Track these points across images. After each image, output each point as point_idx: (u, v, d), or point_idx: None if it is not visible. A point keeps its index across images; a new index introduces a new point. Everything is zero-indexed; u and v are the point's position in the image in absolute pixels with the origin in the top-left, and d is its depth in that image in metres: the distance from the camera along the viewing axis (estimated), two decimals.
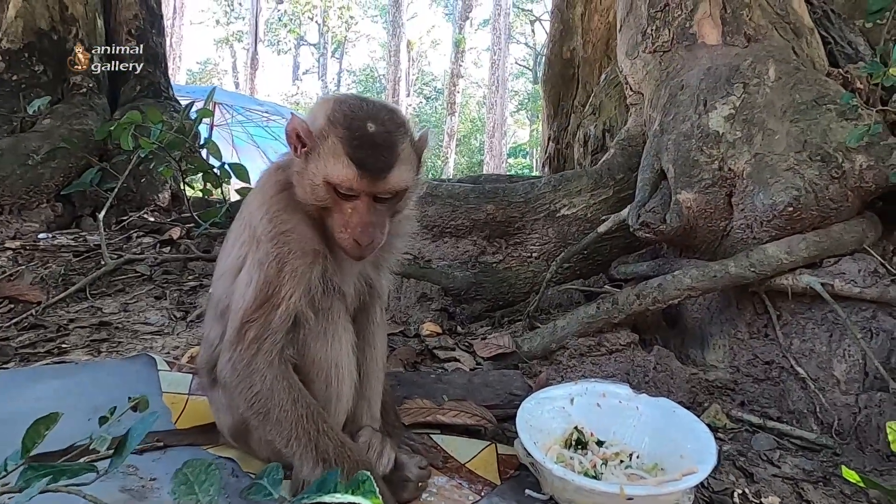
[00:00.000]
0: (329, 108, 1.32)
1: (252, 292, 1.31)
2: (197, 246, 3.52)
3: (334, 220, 1.32)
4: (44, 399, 1.75)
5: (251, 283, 1.32)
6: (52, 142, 4.09)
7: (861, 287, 2.05)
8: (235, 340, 1.31)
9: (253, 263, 1.33)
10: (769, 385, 2.13)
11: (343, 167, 1.25)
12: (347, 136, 1.26)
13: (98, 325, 2.51)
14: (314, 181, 1.29)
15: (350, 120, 1.28)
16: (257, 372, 1.28)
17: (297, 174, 1.33)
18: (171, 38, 19.08)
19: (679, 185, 2.36)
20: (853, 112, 2.17)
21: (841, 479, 1.63)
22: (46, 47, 4.59)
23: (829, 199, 2.12)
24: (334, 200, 1.30)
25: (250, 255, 1.35)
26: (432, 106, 30.71)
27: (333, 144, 1.27)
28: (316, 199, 1.31)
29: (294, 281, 1.30)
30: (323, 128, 1.29)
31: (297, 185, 1.34)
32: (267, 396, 1.27)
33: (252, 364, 1.28)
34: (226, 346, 1.34)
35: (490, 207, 2.89)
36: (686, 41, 2.73)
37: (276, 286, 1.30)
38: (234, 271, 1.40)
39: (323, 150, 1.27)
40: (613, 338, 2.28)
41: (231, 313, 1.36)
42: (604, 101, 4.07)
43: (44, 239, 3.58)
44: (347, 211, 1.30)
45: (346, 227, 1.29)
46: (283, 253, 1.30)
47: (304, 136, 1.30)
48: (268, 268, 1.30)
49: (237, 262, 1.39)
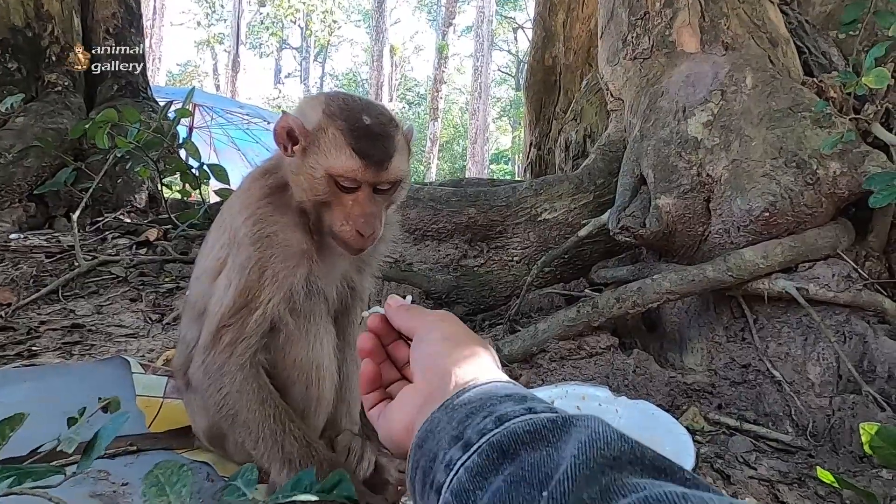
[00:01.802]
0: (323, 102, 1.32)
1: (231, 296, 1.28)
2: (174, 248, 3.46)
3: (334, 214, 1.30)
4: (12, 402, 1.69)
5: (230, 286, 1.29)
6: (24, 140, 4.00)
7: (835, 291, 2.09)
8: (210, 344, 1.29)
9: (233, 267, 1.31)
10: (746, 388, 2.16)
11: (346, 158, 1.25)
12: (347, 127, 1.26)
13: (70, 328, 2.45)
14: (314, 175, 1.27)
15: (347, 113, 1.28)
16: (228, 374, 1.27)
17: (293, 173, 1.31)
18: (151, 38, 18.84)
19: (658, 190, 2.38)
20: (827, 120, 2.22)
21: (815, 481, 1.65)
22: (21, 44, 4.50)
23: (804, 204, 2.16)
24: (334, 193, 1.28)
25: (231, 258, 1.33)
26: (415, 111, 30.75)
27: (334, 136, 1.26)
28: (315, 195, 1.29)
29: (274, 286, 1.29)
30: (320, 121, 1.28)
31: (294, 184, 1.32)
32: (236, 399, 1.26)
33: (224, 367, 1.27)
34: (199, 350, 1.32)
35: (472, 211, 2.90)
36: (666, 49, 2.77)
37: (256, 290, 1.28)
38: (213, 273, 1.38)
39: (323, 144, 1.26)
40: (593, 341, 2.29)
41: (207, 316, 1.33)
42: (585, 107, 4.11)
43: (15, 239, 3.48)
44: (348, 203, 1.28)
45: (348, 219, 1.28)
46: (265, 257, 1.29)
47: (299, 133, 1.28)
48: (249, 272, 1.28)
49: (216, 265, 1.37)
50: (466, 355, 0.73)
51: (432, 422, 0.64)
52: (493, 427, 0.57)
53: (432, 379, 0.71)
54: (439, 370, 0.70)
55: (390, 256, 2.84)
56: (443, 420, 0.63)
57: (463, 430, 0.59)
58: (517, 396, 0.62)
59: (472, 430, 0.58)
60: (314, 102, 1.34)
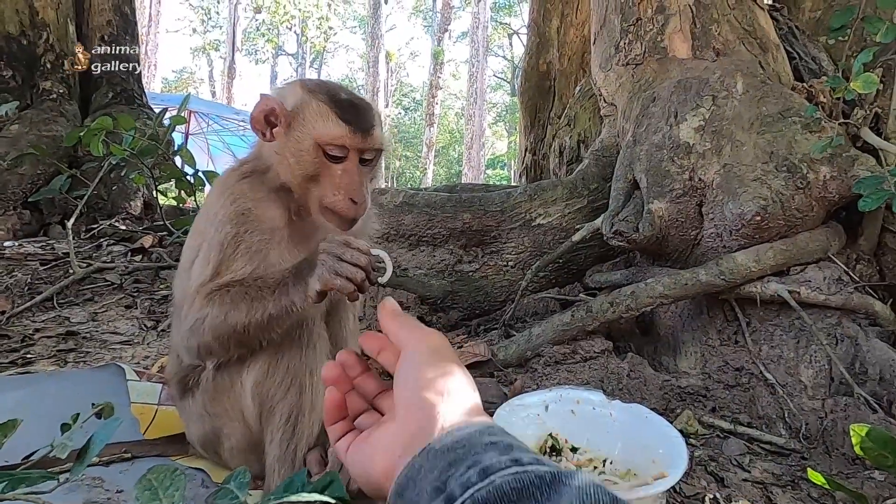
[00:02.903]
0: (299, 83, 1.38)
1: (210, 270, 1.29)
2: (169, 254, 3.46)
3: (324, 186, 1.33)
4: (6, 410, 1.69)
5: (209, 262, 1.30)
6: (19, 148, 4.01)
7: (826, 294, 2.10)
8: (188, 309, 1.29)
9: (212, 245, 1.32)
10: (739, 391, 2.17)
11: (333, 125, 1.30)
12: (330, 99, 1.32)
13: (65, 335, 2.45)
14: (301, 147, 1.31)
15: (327, 88, 1.36)
16: (207, 307, 1.26)
17: (277, 154, 1.35)
18: (147, 45, 18.87)
19: (651, 194, 2.40)
20: (817, 124, 2.24)
21: (809, 483, 1.66)
22: (15, 52, 4.51)
23: (795, 208, 2.18)
24: (323, 164, 1.32)
25: (206, 242, 1.34)
26: (411, 117, 30.82)
27: (319, 107, 1.32)
28: (303, 169, 1.32)
29: (247, 256, 1.30)
30: (302, 97, 1.34)
31: (279, 165, 1.35)
32: (220, 308, 1.25)
33: (202, 308, 1.27)
34: (182, 319, 1.31)
35: (466, 216, 2.91)
36: (658, 54, 2.80)
37: (231, 261, 1.30)
38: (189, 263, 1.38)
39: (308, 115, 1.32)
40: (588, 345, 2.30)
41: (187, 298, 1.33)
42: (579, 112, 4.13)
43: (10, 247, 3.48)
44: (337, 174, 1.32)
45: (339, 189, 1.32)
46: (240, 232, 1.30)
47: (280, 113, 1.33)
48: (226, 247, 1.30)
49: (193, 254, 1.37)
50: (452, 389, 0.70)
51: (413, 468, 0.61)
52: (478, 480, 0.55)
53: (415, 418, 0.68)
54: (423, 407, 0.67)
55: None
56: (424, 467, 0.60)
57: (445, 481, 0.56)
58: (502, 445, 0.60)
59: (456, 482, 0.56)
60: (290, 86, 1.40)
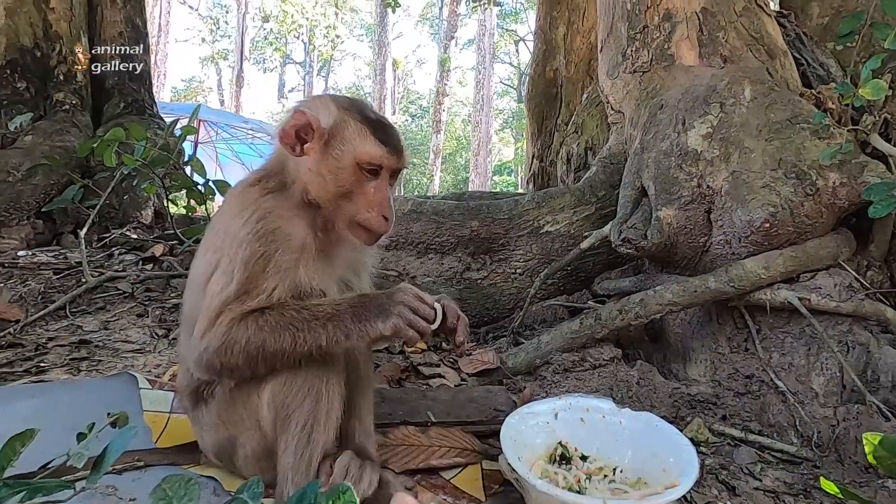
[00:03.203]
0: (331, 100, 1.43)
1: (234, 287, 1.29)
2: (180, 263, 3.49)
3: (358, 203, 1.38)
4: (21, 418, 1.71)
5: (232, 280, 1.30)
6: (33, 158, 4.06)
7: (837, 301, 2.09)
8: (206, 327, 1.29)
9: (233, 263, 1.31)
10: (750, 399, 2.16)
11: (372, 146, 1.37)
12: (366, 120, 1.39)
13: (78, 344, 2.47)
14: (340, 164, 1.37)
15: (358, 107, 1.42)
16: (239, 330, 1.26)
17: (310, 170, 1.38)
18: (156, 55, 19.07)
19: (659, 201, 2.40)
20: (826, 131, 2.24)
21: (821, 492, 1.65)
22: (29, 64, 4.57)
23: (805, 215, 2.17)
24: (358, 182, 1.38)
25: (226, 258, 1.33)
26: (418, 124, 30.92)
27: (358, 128, 1.38)
28: (339, 185, 1.37)
29: (278, 276, 1.31)
30: (338, 115, 1.39)
31: (310, 180, 1.38)
32: (256, 334, 1.26)
33: (231, 328, 1.26)
34: (197, 337, 1.31)
35: (474, 224, 2.92)
36: (665, 62, 2.80)
37: (261, 280, 1.30)
38: (205, 278, 1.37)
39: (348, 135, 1.38)
40: (597, 353, 2.30)
41: (203, 311, 1.32)
42: (586, 119, 4.14)
43: (23, 256, 3.52)
44: (370, 191, 1.39)
45: (372, 206, 1.38)
46: (269, 251, 1.31)
47: (316, 129, 1.36)
48: (254, 265, 1.30)
49: (209, 269, 1.37)
50: None
51: None
52: None
53: None
54: None
55: (393, 269, 2.86)
56: None
57: None
58: None
59: None
60: (321, 102, 1.44)
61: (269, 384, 1.33)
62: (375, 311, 1.28)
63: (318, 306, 1.29)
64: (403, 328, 1.26)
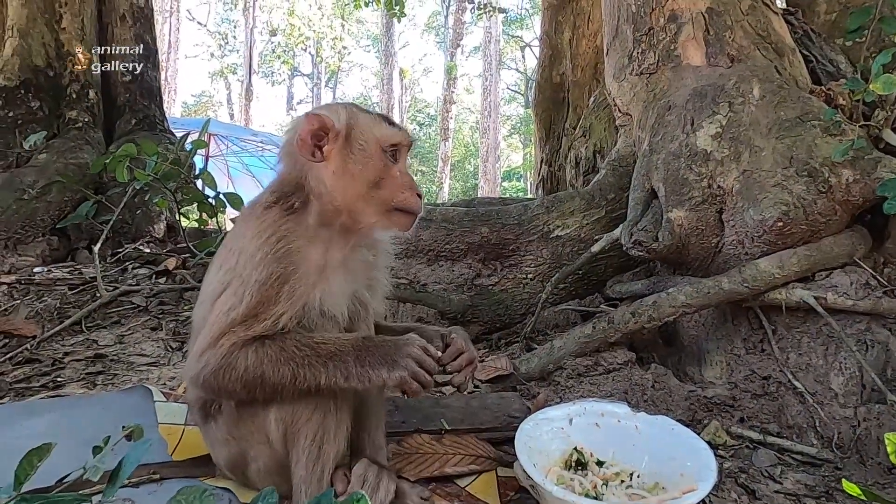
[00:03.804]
0: (338, 104, 1.49)
1: (243, 309, 1.29)
2: (193, 276, 3.52)
3: (391, 187, 1.43)
4: (39, 433, 1.73)
5: (241, 302, 1.30)
6: (47, 176, 4.12)
7: (854, 300, 2.06)
8: (207, 346, 1.29)
9: (245, 285, 1.31)
10: (768, 400, 2.13)
11: (389, 129, 1.46)
12: (374, 113, 1.49)
13: (93, 358, 2.50)
14: (367, 153, 1.42)
15: (357, 106, 1.50)
16: (239, 356, 1.27)
17: (335, 172, 1.40)
18: (167, 71, 19.32)
19: (670, 203, 2.39)
20: (837, 128, 2.21)
21: (843, 494, 1.62)
22: (42, 83, 4.65)
23: (818, 213, 2.14)
24: (386, 168, 1.43)
25: (237, 279, 1.33)
26: (426, 132, 31.01)
27: (369, 117, 1.46)
28: (369, 176, 1.41)
29: (289, 302, 1.31)
30: (349, 112, 1.45)
31: (337, 183, 1.40)
32: (255, 364, 1.27)
33: (231, 351, 1.27)
34: (196, 354, 1.31)
35: (484, 230, 2.91)
36: (671, 63, 2.79)
37: (272, 304, 1.30)
38: (214, 296, 1.38)
39: (364, 125, 1.44)
40: (610, 357, 2.28)
41: (206, 327, 1.33)
42: (593, 123, 4.13)
43: (39, 273, 3.57)
44: (397, 175, 1.45)
45: (405, 187, 1.44)
46: (286, 273, 1.31)
47: (331, 128, 1.40)
48: (268, 288, 1.30)
49: (219, 287, 1.37)
50: None
51: None
52: None
53: None
54: None
55: (404, 277, 2.86)
56: None
57: None
58: None
59: None
60: (325, 107, 1.49)
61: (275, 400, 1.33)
62: (381, 358, 1.29)
63: (320, 344, 1.29)
64: (408, 381, 1.28)
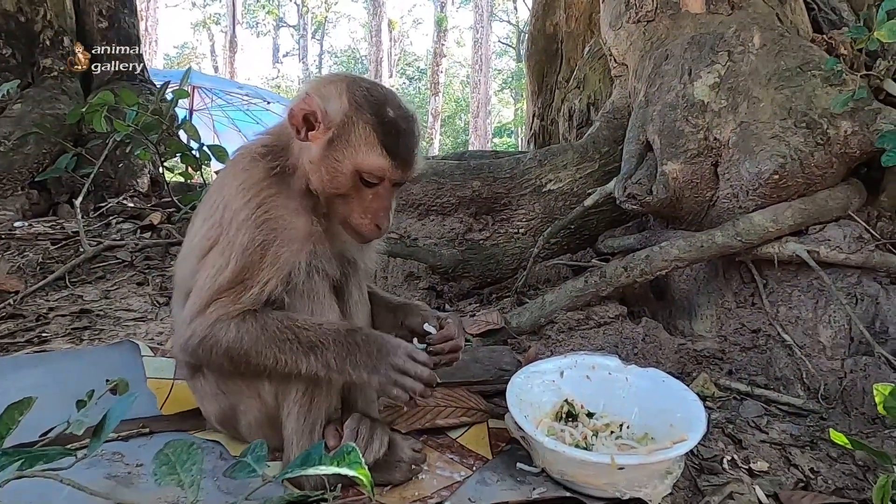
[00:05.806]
0: (346, 89, 1.30)
1: (229, 275, 1.27)
2: (178, 231, 3.45)
3: (352, 207, 1.32)
4: (24, 388, 1.70)
5: (227, 266, 1.27)
6: (23, 127, 3.97)
7: (846, 253, 2.06)
8: (196, 314, 1.28)
9: (231, 247, 1.28)
10: (756, 353, 2.15)
11: (377, 157, 1.27)
12: (377, 123, 1.27)
13: (79, 313, 2.46)
14: (340, 169, 1.28)
15: (375, 106, 1.28)
16: (222, 327, 1.26)
17: (310, 161, 1.30)
18: (146, 21, 18.62)
19: (665, 155, 2.34)
20: (838, 77, 2.16)
21: (827, 443, 1.65)
22: (13, 30, 4.44)
23: (815, 165, 2.11)
24: (356, 188, 1.30)
25: (225, 238, 1.30)
26: (415, 86, 30.41)
27: (364, 131, 1.27)
28: (335, 188, 1.30)
29: (274, 268, 1.28)
30: (347, 112, 1.27)
31: (310, 172, 1.31)
32: (237, 342, 1.25)
33: (216, 324, 1.26)
34: (186, 320, 1.30)
35: (476, 184, 2.86)
36: (670, 10, 2.70)
37: (256, 270, 1.27)
38: (201, 252, 1.35)
39: (353, 138, 1.27)
40: (602, 311, 2.28)
41: (195, 291, 1.31)
42: (588, 74, 4.03)
43: (19, 227, 3.48)
44: (367, 197, 1.31)
45: (367, 213, 1.32)
46: (268, 240, 1.27)
47: (321, 120, 1.27)
48: (251, 254, 1.27)
49: (205, 244, 1.34)
50: None
51: None
52: None
53: None
54: None
55: (394, 231, 2.82)
56: None
57: None
58: None
59: None
60: (335, 88, 1.31)
61: None
62: (363, 359, 1.25)
63: (303, 329, 1.26)
64: (389, 389, 1.25)
